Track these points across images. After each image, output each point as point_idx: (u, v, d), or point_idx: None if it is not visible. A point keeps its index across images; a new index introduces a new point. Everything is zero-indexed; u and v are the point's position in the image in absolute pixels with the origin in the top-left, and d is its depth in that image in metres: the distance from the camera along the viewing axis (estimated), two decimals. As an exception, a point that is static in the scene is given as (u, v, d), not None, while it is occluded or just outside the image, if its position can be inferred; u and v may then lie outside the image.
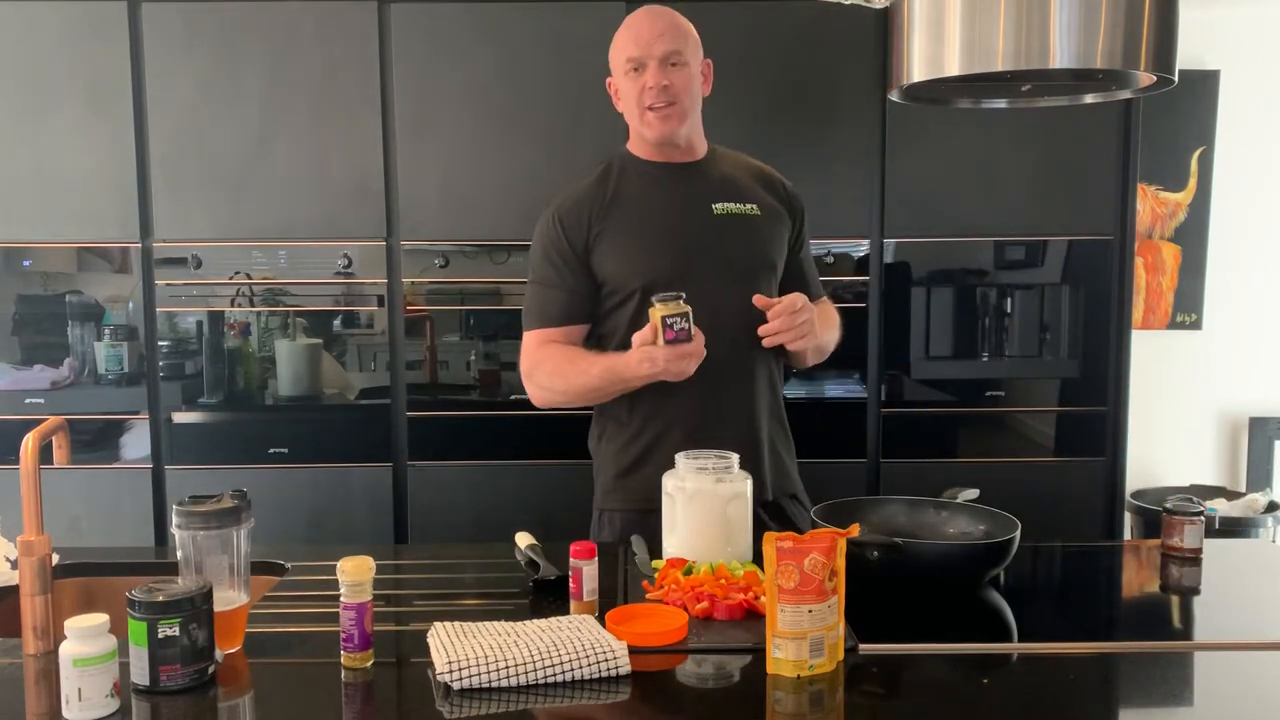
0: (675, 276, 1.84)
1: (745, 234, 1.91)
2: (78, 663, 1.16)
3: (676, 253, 1.88)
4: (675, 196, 1.92)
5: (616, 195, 1.92)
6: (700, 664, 1.33)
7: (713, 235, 1.90)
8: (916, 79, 1.59)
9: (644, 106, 1.87)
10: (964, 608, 1.53)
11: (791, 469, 2.03)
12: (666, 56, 1.85)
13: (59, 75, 2.74)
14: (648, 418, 1.91)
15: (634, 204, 1.91)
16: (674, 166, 1.94)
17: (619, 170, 1.95)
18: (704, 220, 1.90)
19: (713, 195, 1.93)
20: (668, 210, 1.91)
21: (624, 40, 1.90)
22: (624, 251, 1.89)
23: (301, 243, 2.78)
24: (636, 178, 1.94)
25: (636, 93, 1.87)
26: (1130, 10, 1.47)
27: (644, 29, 1.87)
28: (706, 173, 1.96)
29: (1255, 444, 3.56)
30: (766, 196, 1.98)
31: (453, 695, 1.21)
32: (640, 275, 1.87)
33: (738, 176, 1.98)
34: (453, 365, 2.85)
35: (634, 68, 1.87)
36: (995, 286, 2.87)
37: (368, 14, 2.73)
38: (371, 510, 2.83)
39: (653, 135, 1.89)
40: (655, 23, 1.88)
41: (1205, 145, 3.46)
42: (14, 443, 1.91)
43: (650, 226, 1.90)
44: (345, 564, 1.29)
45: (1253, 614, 1.54)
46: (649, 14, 1.90)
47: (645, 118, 1.88)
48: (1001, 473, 2.83)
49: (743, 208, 1.93)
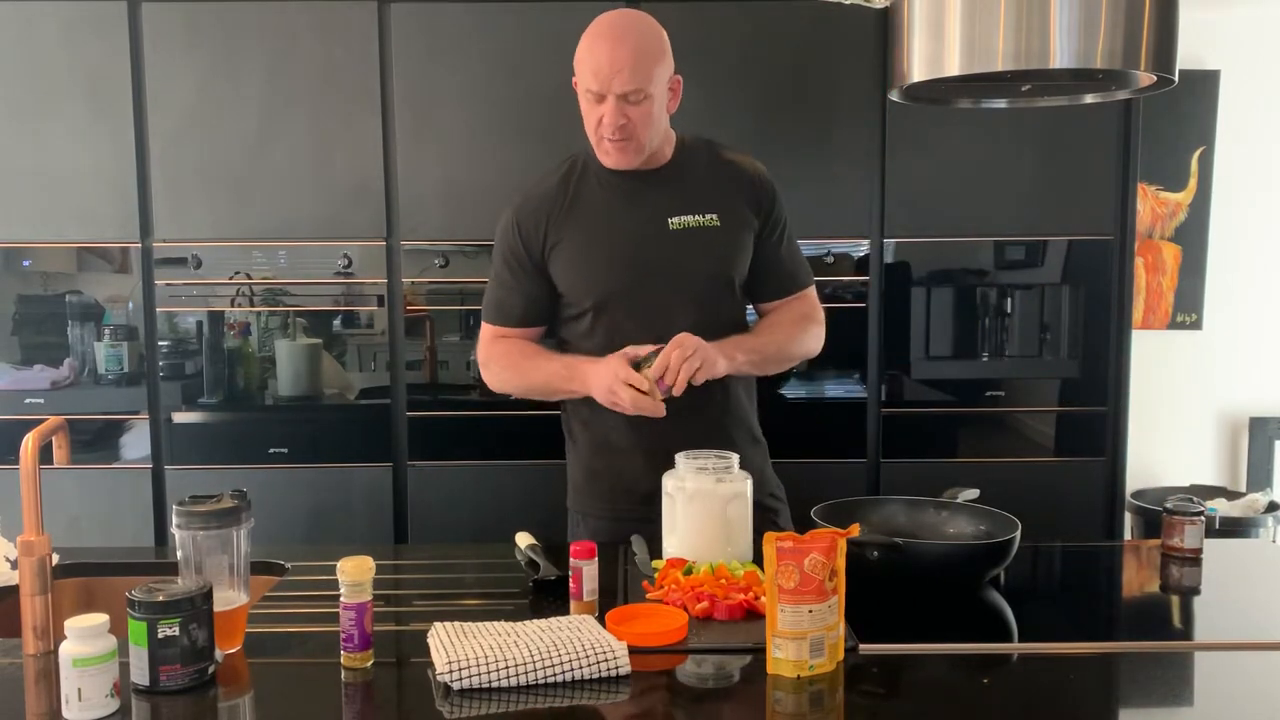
0: (628, 294, 1.84)
1: (702, 248, 1.86)
2: (78, 663, 1.16)
3: (630, 270, 1.84)
4: (632, 210, 1.86)
5: (575, 203, 1.87)
6: (700, 664, 1.33)
7: (668, 251, 1.85)
8: (916, 79, 1.59)
9: (601, 136, 1.81)
10: (964, 608, 1.53)
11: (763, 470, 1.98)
12: (625, 95, 1.75)
13: (59, 75, 2.74)
14: (610, 427, 1.88)
15: (591, 216, 1.87)
16: (636, 175, 1.87)
17: (580, 173, 1.90)
18: (660, 236, 1.85)
19: (671, 208, 1.86)
20: (624, 225, 1.86)
21: (585, 65, 1.79)
22: (578, 267, 1.86)
23: (301, 243, 2.78)
24: (597, 185, 1.88)
25: (594, 121, 1.80)
26: (1130, 10, 1.47)
27: (604, 62, 1.75)
28: (668, 182, 1.88)
29: (1255, 444, 3.56)
30: (731, 197, 1.90)
31: (453, 695, 1.21)
32: (593, 293, 1.86)
33: (701, 180, 1.90)
34: (453, 365, 2.85)
35: (594, 98, 1.79)
36: (995, 286, 2.87)
37: (368, 14, 2.73)
38: (371, 510, 2.83)
39: (608, 164, 1.85)
40: (617, 55, 1.74)
41: (1205, 145, 3.46)
42: (14, 443, 1.91)
43: (605, 242, 1.85)
44: (345, 564, 1.29)
45: (1253, 614, 1.54)
46: (612, 40, 1.77)
47: (602, 145, 1.82)
48: (1001, 473, 2.82)
49: (701, 220, 1.86)
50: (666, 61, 1.82)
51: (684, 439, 1.74)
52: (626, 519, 1.85)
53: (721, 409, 1.93)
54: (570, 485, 2.00)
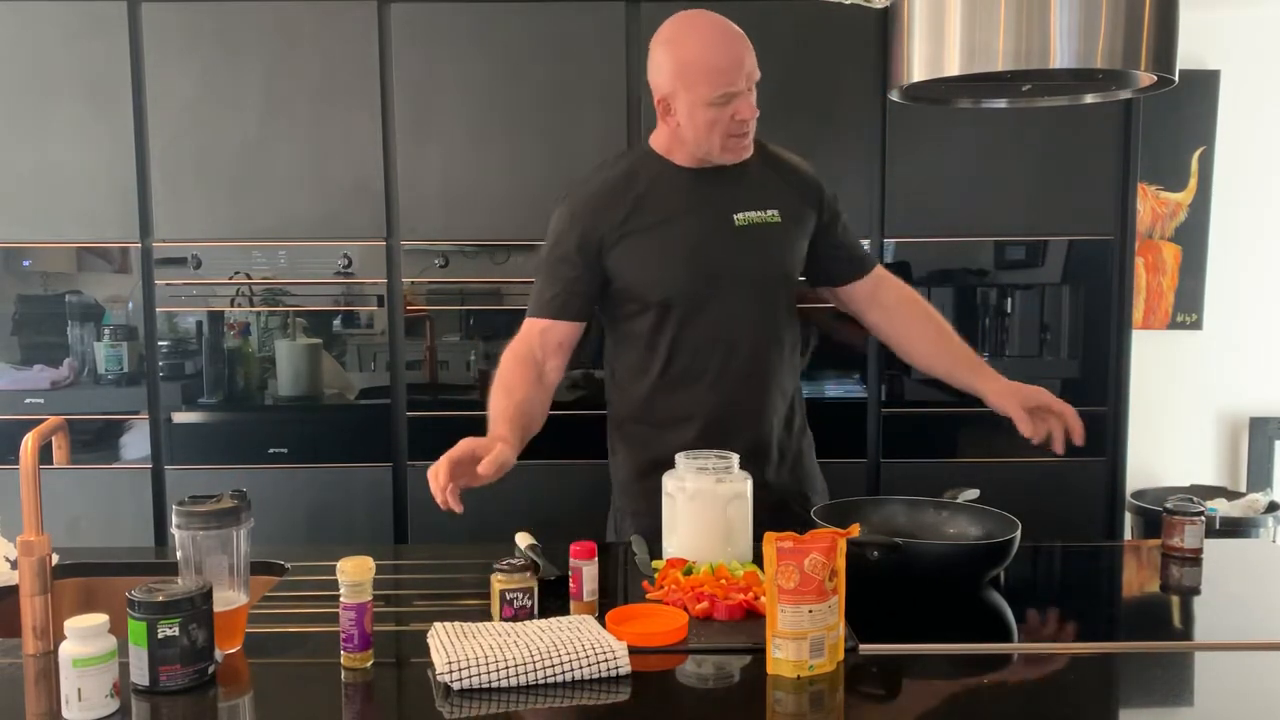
0: (694, 291, 1.84)
1: (764, 245, 1.87)
2: (77, 663, 1.16)
3: (696, 268, 1.85)
4: (699, 207, 1.86)
5: (641, 204, 1.84)
6: (700, 664, 1.33)
7: (733, 248, 1.85)
8: (916, 79, 1.59)
9: (729, 134, 1.78)
10: (964, 608, 1.53)
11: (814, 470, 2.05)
12: (751, 82, 1.78)
13: (59, 75, 2.74)
14: (663, 426, 1.90)
15: (658, 213, 1.85)
16: (702, 173, 1.86)
17: (643, 169, 1.88)
18: (725, 233, 1.85)
19: (736, 203, 1.86)
20: (692, 223, 1.85)
21: (715, 68, 1.74)
22: (643, 264, 1.85)
23: (301, 243, 2.78)
24: (664, 181, 1.86)
25: (725, 121, 1.77)
26: (1130, 10, 1.47)
27: (730, 56, 1.74)
28: (732, 178, 1.87)
29: (1255, 444, 3.56)
30: (788, 195, 1.91)
31: (453, 695, 1.21)
32: (659, 290, 1.86)
33: (761, 177, 1.90)
34: (453, 365, 2.84)
35: (723, 100, 1.75)
36: (995, 286, 2.87)
37: (368, 14, 2.73)
38: (371, 510, 2.83)
39: (731, 159, 1.83)
40: (738, 45, 1.76)
41: (1205, 145, 3.46)
42: (14, 443, 1.91)
43: (673, 240, 1.84)
44: (345, 564, 1.29)
45: (1253, 614, 1.54)
46: (727, 36, 1.76)
47: (728, 143, 1.80)
48: (1001, 473, 2.82)
49: (764, 215, 1.87)
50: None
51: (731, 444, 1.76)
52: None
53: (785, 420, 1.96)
54: (615, 484, 2.01)
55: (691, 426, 1.87)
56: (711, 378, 1.87)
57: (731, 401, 1.88)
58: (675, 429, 1.88)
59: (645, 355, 1.90)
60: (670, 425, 1.89)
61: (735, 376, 1.88)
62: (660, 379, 1.89)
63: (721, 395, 1.87)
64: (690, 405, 1.88)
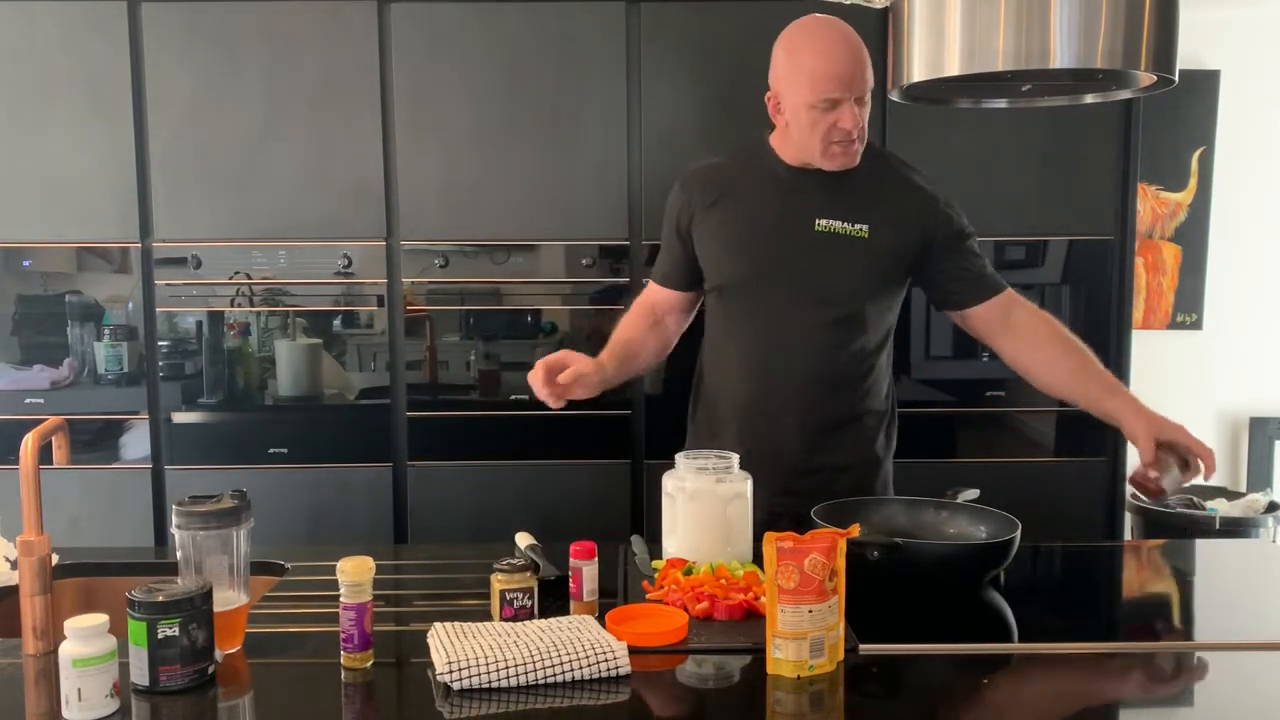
0: (748, 282, 1.86)
1: (842, 255, 1.82)
2: (77, 663, 1.16)
3: (757, 260, 1.85)
4: (785, 205, 1.85)
5: (733, 187, 1.90)
6: (700, 664, 1.33)
7: (805, 252, 1.83)
8: (916, 79, 1.59)
9: (829, 141, 1.77)
10: (964, 608, 1.53)
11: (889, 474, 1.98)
12: (861, 95, 1.76)
13: (59, 75, 2.74)
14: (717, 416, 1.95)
15: (740, 200, 1.88)
16: (804, 173, 1.85)
17: (750, 164, 1.91)
18: (803, 235, 1.83)
19: (824, 210, 1.83)
20: (767, 215, 1.85)
21: (820, 73, 1.74)
22: (714, 244, 1.90)
23: (301, 243, 2.78)
24: (763, 176, 1.88)
25: (824, 127, 1.76)
26: (1130, 10, 1.47)
27: (844, 65, 1.73)
28: (829, 184, 1.84)
29: (1255, 444, 3.56)
30: (889, 213, 1.83)
31: (453, 695, 1.21)
32: (718, 275, 1.90)
33: (863, 190, 1.84)
34: (453, 365, 2.85)
35: (829, 105, 1.74)
36: (995, 286, 2.87)
37: (368, 14, 2.73)
38: (371, 510, 2.83)
39: (831, 166, 1.81)
40: (854, 57, 1.74)
41: (1205, 145, 3.46)
42: (14, 443, 1.91)
43: (743, 230, 1.86)
44: (345, 564, 1.29)
45: (1253, 614, 1.54)
46: (845, 45, 1.75)
47: (829, 150, 1.78)
48: (1001, 473, 2.82)
49: (849, 227, 1.82)
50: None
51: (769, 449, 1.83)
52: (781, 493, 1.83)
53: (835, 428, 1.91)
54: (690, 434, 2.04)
55: (733, 425, 1.90)
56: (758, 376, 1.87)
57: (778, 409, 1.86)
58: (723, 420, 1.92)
59: (708, 338, 1.98)
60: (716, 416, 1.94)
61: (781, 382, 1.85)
62: (720, 370, 1.95)
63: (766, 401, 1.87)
64: (734, 403, 1.91)
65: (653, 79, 2.76)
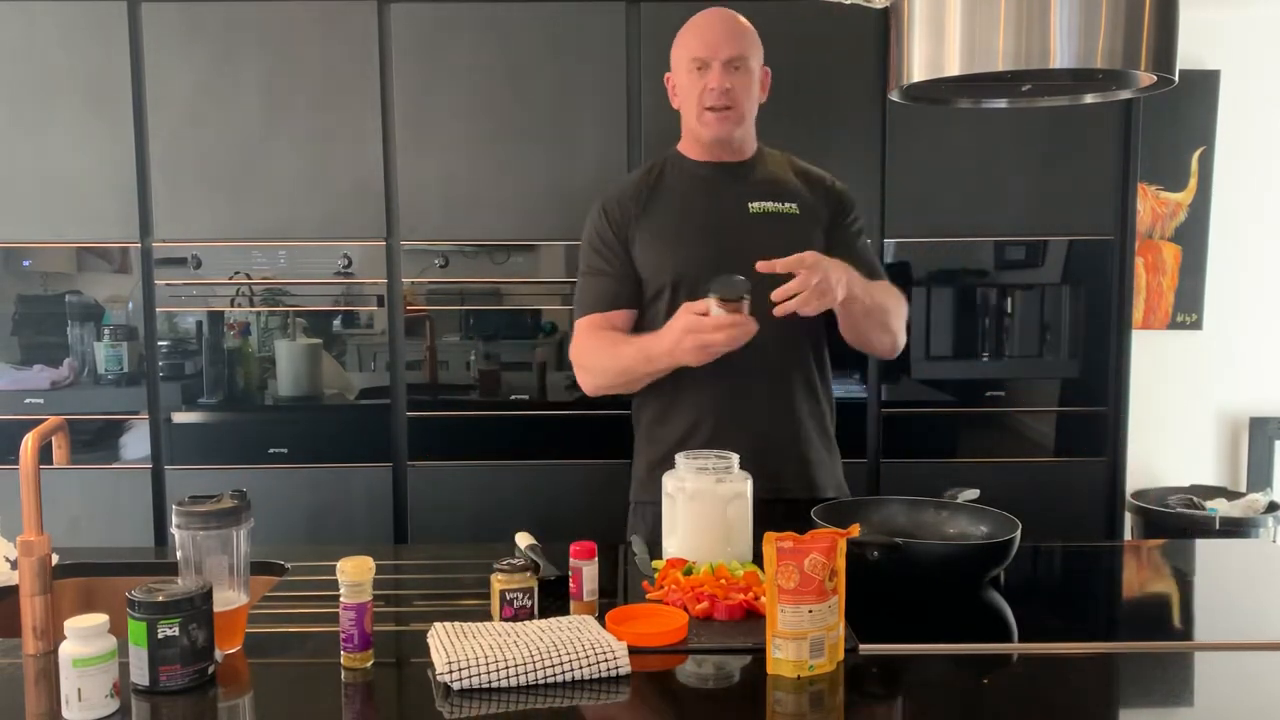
0: (705, 272, 1.84)
1: (781, 233, 1.90)
2: (77, 663, 1.16)
3: (708, 249, 1.89)
4: (715, 195, 1.95)
5: (658, 190, 1.97)
6: (700, 664, 1.33)
7: (747, 233, 1.90)
8: (916, 79, 1.59)
9: (703, 106, 1.90)
10: (964, 608, 1.53)
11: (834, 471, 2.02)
12: (731, 60, 1.88)
13: (59, 75, 2.74)
14: (674, 416, 1.93)
15: (674, 200, 1.96)
16: (720, 166, 1.97)
17: (665, 168, 2.00)
18: (740, 218, 1.92)
19: (752, 194, 1.94)
20: (705, 208, 1.94)
21: (690, 39, 1.92)
22: (658, 245, 1.93)
23: (301, 243, 2.78)
24: (681, 175, 1.98)
25: (697, 92, 1.90)
26: (1130, 10, 1.47)
27: (712, 30, 1.90)
28: (750, 172, 1.98)
29: (1255, 444, 3.56)
30: (808, 195, 1.98)
31: (453, 695, 1.21)
32: (670, 270, 1.91)
33: (781, 175, 1.99)
34: (453, 365, 2.85)
35: (698, 67, 1.89)
36: (995, 286, 2.87)
37: (368, 14, 2.73)
38: (371, 510, 2.83)
39: (709, 135, 1.92)
40: (723, 25, 1.90)
41: (1205, 145, 3.46)
42: (14, 443, 1.91)
43: (685, 223, 1.93)
44: (345, 564, 1.29)
45: (1253, 614, 1.54)
46: (718, 15, 1.92)
47: (703, 117, 1.90)
48: (1001, 473, 2.82)
49: (781, 206, 1.94)
50: (760, 49, 1.95)
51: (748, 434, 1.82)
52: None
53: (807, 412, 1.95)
54: (633, 478, 2.03)
55: (701, 414, 1.89)
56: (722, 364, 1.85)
57: (744, 390, 1.88)
58: (685, 418, 1.91)
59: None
60: (681, 415, 1.92)
61: (747, 364, 1.86)
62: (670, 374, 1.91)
63: (733, 383, 1.87)
64: (700, 394, 1.89)
65: (653, 79, 2.75)
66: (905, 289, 2.82)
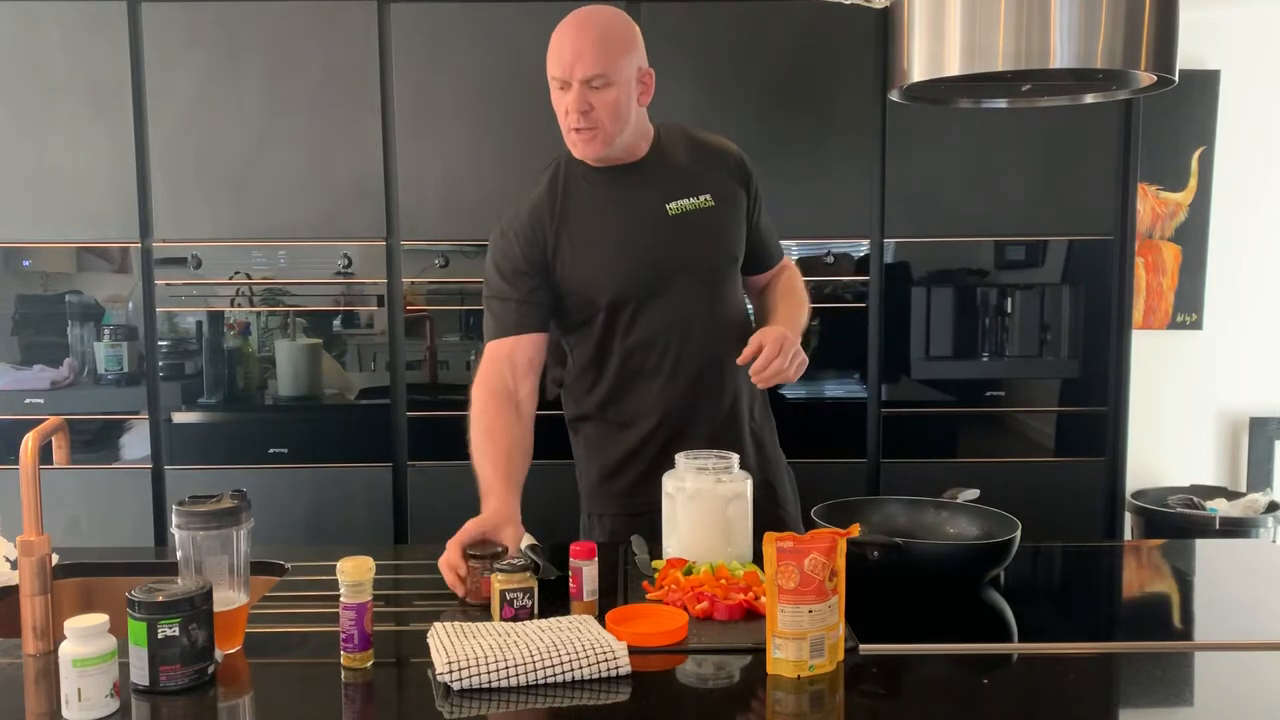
0: (641, 286, 1.83)
1: (703, 230, 1.86)
2: (77, 663, 1.16)
3: (637, 264, 1.84)
4: (627, 202, 1.85)
5: (566, 206, 1.85)
6: (700, 664, 1.33)
7: (670, 238, 1.85)
8: (916, 79, 1.59)
9: (569, 126, 1.79)
10: (964, 608, 1.53)
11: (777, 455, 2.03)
12: (589, 79, 1.73)
13: (59, 75, 2.74)
14: (624, 423, 1.90)
15: (586, 215, 1.85)
16: (620, 169, 1.86)
17: (565, 177, 1.87)
18: (659, 224, 1.84)
19: (665, 194, 1.85)
20: (621, 218, 1.85)
21: (550, 54, 1.77)
22: (583, 268, 1.83)
23: (301, 243, 2.78)
24: (585, 184, 1.86)
25: (561, 111, 1.79)
26: (1130, 10, 1.47)
27: (566, 47, 1.74)
28: (654, 169, 1.87)
29: (1255, 444, 3.56)
30: (718, 176, 1.90)
31: (453, 695, 1.21)
32: (606, 291, 1.83)
33: (687, 164, 1.89)
34: (453, 365, 2.84)
35: (559, 86, 1.77)
36: (995, 286, 2.87)
37: (368, 14, 2.73)
38: (371, 510, 2.83)
39: (576, 155, 1.84)
40: (580, 39, 1.74)
41: (1205, 145, 3.46)
42: (14, 443, 1.91)
43: (606, 240, 1.84)
44: (345, 564, 1.29)
45: (1253, 614, 1.54)
46: (576, 28, 1.76)
47: (569, 137, 1.81)
48: (1001, 473, 2.82)
49: (696, 201, 1.86)
50: (634, 53, 1.80)
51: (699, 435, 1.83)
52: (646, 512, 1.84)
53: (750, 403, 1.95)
54: (582, 488, 2.00)
55: (653, 419, 1.88)
56: (669, 368, 1.87)
57: (693, 390, 1.88)
58: (636, 425, 1.89)
59: (598, 356, 1.89)
60: (631, 422, 1.90)
61: (693, 365, 1.87)
62: (617, 378, 1.89)
63: (682, 385, 1.87)
64: (650, 399, 1.88)
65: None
66: (905, 289, 2.84)
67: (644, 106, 1.85)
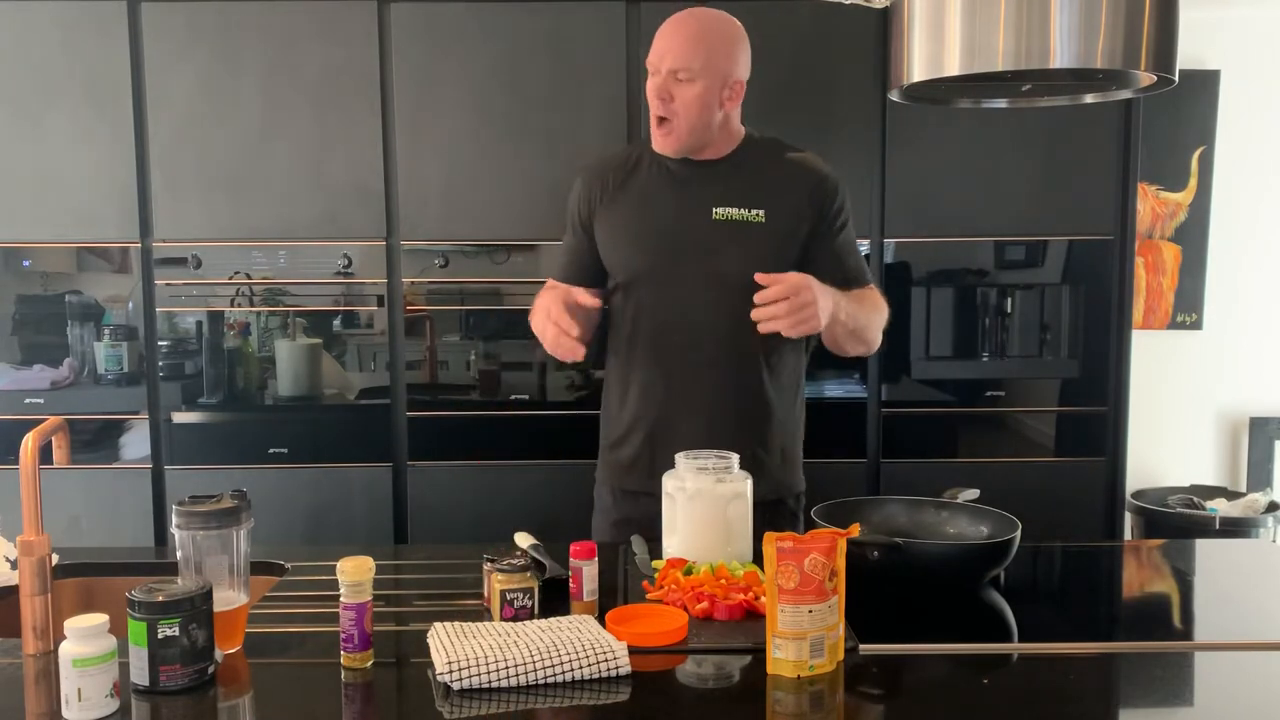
0: (656, 274, 1.88)
1: (741, 242, 1.86)
2: (77, 663, 1.16)
3: (661, 252, 1.88)
4: (677, 195, 1.90)
5: (628, 181, 1.93)
6: (700, 664, 1.33)
7: (706, 239, 1.87)
8: (916, 79, 1.59)
9: (654, 114, 1.86)
10: (964, 608, 1.53)
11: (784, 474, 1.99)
12: (674, 71, 1.82)
13: (59, 75, 2.74)
14: (626, 405, 1.95)
15: (636, 195, 1.92)
16: (690, 164, 1.91)
17: (640, 157, 1.96)
18: (700, 223, 1.87)
19: (717, 197, 1.88)
20: (665, 208, 1.90)
21: (653, 41, 1.87)
22: (614, 241, 1.93)
23: (301, 243, 2.78)
24: (652, 168, 1.93)
25: (649, 98, 1.87)
26: (1130, 10, 1.47)
27: (664, 37, 1.84)
28: (721, 174, 1.90)
29: (1255, 444, 3.56)
30: (786, 195, 1.89)
31: (453, 695, 1.21)
32: (625, 268, 1.92)
33: (758, 176, 1.91)
34: (453, 365, 2.85)
35: (651, 72, 1.86)
36: (995, 286, 2.87)
37: (368, 14, 2.73)
38: (371, 510, 2.83)
39: (655, 147, 1.90)
40: (676, 32, 1.84)
41: (1205, 145, 3.46)
42: (14, 443, 1.91)
43: (642, 224, 1.91)
44: (345, 564, 1.29)
45: (1253, 614, 1.54)
46: (678, 22, 1.85)
47: (652, 127, 1.88)
48: (1001, 473, 2.83)
49: (746, 213, 1.86)
50: (730, 58, 1.85)
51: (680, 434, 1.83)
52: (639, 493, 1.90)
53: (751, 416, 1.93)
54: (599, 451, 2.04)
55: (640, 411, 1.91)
56: (669, 366, 1.89)
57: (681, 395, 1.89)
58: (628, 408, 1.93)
59: (615, 335, 1.96)
60: (627, 414, 1.94)
61: (688, 371, 1.88)
62: (625, 361, 1.94)
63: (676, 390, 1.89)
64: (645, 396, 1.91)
65: (653, 79, 2.76)
66: (905, 289, 2.84)
67: (728, 112, 1.88)
